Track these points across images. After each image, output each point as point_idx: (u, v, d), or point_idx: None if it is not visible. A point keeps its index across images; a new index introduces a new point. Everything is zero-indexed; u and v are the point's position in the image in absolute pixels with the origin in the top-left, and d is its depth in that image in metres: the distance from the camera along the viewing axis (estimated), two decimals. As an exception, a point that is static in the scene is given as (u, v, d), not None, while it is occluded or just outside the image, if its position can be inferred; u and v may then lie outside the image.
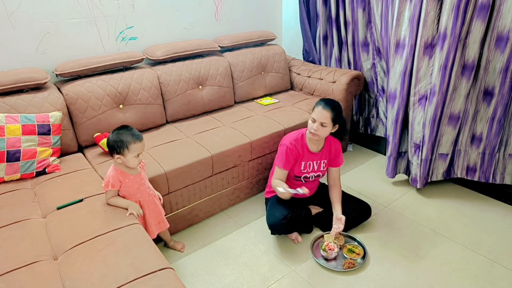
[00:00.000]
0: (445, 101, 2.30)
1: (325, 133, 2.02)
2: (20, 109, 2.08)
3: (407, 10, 2.23)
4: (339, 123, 2.05)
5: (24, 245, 1.49)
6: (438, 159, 2.50)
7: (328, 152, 2.17)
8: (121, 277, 1.31)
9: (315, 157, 2.14)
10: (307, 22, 3.30)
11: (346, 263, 1.97)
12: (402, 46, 2.33)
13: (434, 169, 2.54)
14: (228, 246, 2.17)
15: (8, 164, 1.93)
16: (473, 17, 2.08)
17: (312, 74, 3.14)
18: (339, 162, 2.20)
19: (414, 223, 2.31)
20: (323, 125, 1.98)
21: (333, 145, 2.17)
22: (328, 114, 1.96)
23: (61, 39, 2.40)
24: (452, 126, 2.39)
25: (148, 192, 1.86)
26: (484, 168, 2.39)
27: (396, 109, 2.47)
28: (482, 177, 2.39)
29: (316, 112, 2.00)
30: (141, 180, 1.82)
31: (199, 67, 2.75)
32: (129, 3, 2.60)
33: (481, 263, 1.98)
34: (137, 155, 1.70)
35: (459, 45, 2.15)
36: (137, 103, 2.46)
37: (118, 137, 1.68)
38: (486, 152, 2.34)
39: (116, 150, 1.69)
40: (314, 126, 1.99)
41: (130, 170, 1.77)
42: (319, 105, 2.00)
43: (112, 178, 1.71)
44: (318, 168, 2.17)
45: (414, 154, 2.50)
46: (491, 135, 2.29)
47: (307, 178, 2.18)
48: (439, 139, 2.44)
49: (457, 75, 2.24)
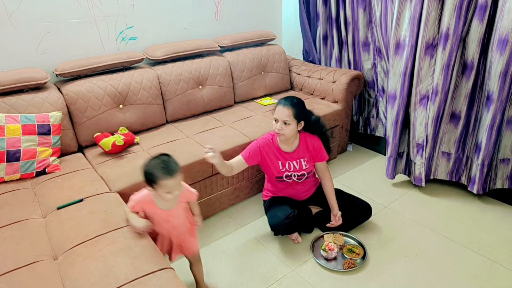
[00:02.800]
0: (447, 99, 2.30)
1: (290, 131, 1.97)
2: (20, 109, 2.08)
3: (407, 10, 2.23)
4: (303, 119, 2.02)
5: (24, 245, 1.49)
6: (441, 157, 2.50)
7: (306, 149, 2.11)
8: (121, 277, 1.31)
9: (291, 157, 2.09)
10: (307, 22, 3.30)
11: (346, 263, 1.97)
12: (402, 46, 2.32)
13: (437, 167, 2.54)
14: (228, 246, 2.17)
15: (8, 164, 1.93)
16: (473, 17, 2.08)
17: (312, 74, 3.14)
18: (323, 157, 2.14)
19: (414, 223, 2.31)
20: (286, 123, 1.94)
21: (309, 142, 2.10)
22: (288, 111, 1.93)
23: (61, 39, 2.40)
24: (454, 125, 2.39)
25: (174, 230, 1.66)
26: (482, 181, 2.34)
27: (396, 110, 2.46)
28: (480, 189, 2.37)
29: (277, 112, 1.96)
30: (169, 217, 1.61)
31: (199, 67, 2.75)
32: (129, 3, 2.60)
33: (481, 263, 1.98)
34: (168, 191, 1.48)
35: (460, 44, 2.15)
36: (137, 103, 2.46)
37: (150, 168, 1.48)
38: (484, 163, 2.29)
39: (147, 181, 1.50)
40: (277, 125, 1.95)
41: (162, 203, 1.57)
42: (279, 104, 1.98)
43: (136, 202, 1.57)
44: (299, 167, 2.11)
45: (417, 154, 2.49)
46: (489, 144, 2.23)
47: (289, 177, 2.12)
48: (442, 137, 2.44)
49: (458, 74, 2.24)
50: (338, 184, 2.65)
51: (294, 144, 2.09)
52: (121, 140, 2.18)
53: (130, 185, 1.95)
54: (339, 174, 2.85)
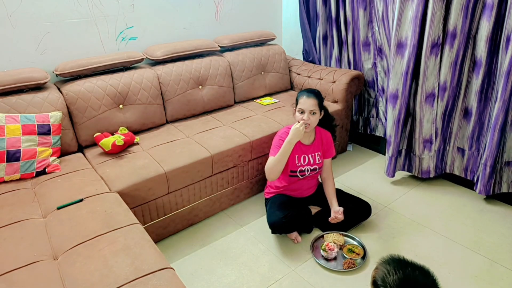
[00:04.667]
0: (459, 95, 2.33)
1: (316, 121, 2.08)
2: (20, 109, 2.08)
3: (409, 10, 2.24)
4: (323, 109, 2.16)
5: (24, 245, 1.49)
6: (456, 152, 2.52)
7: (321, 143, 2.20)
8: (121, 277, 1.31)
9: (308, 150, 2.16)
10: (307, 22, 3.30)
11: (346, 263, 1.97)
12: (403, 46, 2.33)
13: (454, 162, 2.56)
14: (228, 246, 2.17)
15: (8, 164, 1.93)
16: (482, 15, 2.10)
17: (312, 74, 3.13)
18: (331, 153, 2.25)
19: (414, 223, 2.31)
20: (312, 113, 2.04)
21: (323, 136, 2.21)
22: (314, 101, 2.04)
23: (61, 39, 2.40)
24: (467, 121, 2.41)
25: None
26: (484, 181, 2.34)
27: (398, 109, 2.47)
28: (483, 191, 2.37)
29: (302, 103, 2.05)
30: None
31: (199, 67, 2.75)
32: (129, 3, 2.60)
33: (481, 263, 1.98)
34: None
35: (470, 42, 2.18)
36: (137, 103, 2.46)
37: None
38: (487, 164, 2.29)
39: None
40: (304, 116, 2.03)
41: None
42: (302, 95, 2.07)
43: None
44: (313, 161, 2.18)
45: (424, 149, 2.52)
46: (492, 144, 2.23)
47: (302, 172, 2.17)
48: (457, 132, 2.47)
49: (470, 70, 2.28)
50: (338, 184, 2.65)
51: (312, 137, 2.18)
52: (121, 140, 2.18)
53: (130, 185, 1.95)
54: (339, 174, 2.85)
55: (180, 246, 2.17)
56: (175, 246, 2.17)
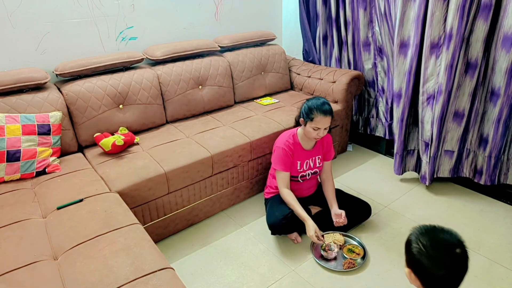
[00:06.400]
0: (450, 99, 2.32)
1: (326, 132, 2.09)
2: (20, 109, 2.08)
3: (411, 10, 2.24)
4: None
5: (24, 245, 1.49)
6: (444, 155, 2.51)
7: (321, 146, 2.21)
8: (121, 277, 1.31)
9: (310, 155, 2.17)
10: (307, 22, 3.30)
11: (346, 263, 1.97)
12: (406, 46, 2.34)
13: (440, 166, 2.55)
14: (228, 246, 2.17)
15: (8, 164, 1.93)
16: (476, 16, 2.10)
17: (312, 74, 3.13)
18: (331, 155, 2.26)
19: (414, 223, 2.30)
20: (326, 129, 2.05)
21: (324, 139, 2.21)
22: (329, 119, 2.02)
23: (61, 39, 2.40)
24: (457, 123, 2.40)
25: None
26: (490, 172, 2.37)
27: (401, 108, 2.48)
28: (488, 181, 2.39)
29: (319, 122, 2.00)
30: None
31: (199, 67, 2.75)
32: (129, 3, 2.60)
33: (481, 263, 1.98)
34: None
35: (463, 44, 2.17)
36: (137, 103, 2.46)
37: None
38: (492, 156, 2.32)
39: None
40: (320, 133, 2.03)
41: None
42: (317, 114, 1.99)
43: None
44: (314, 165, 2.19)
45: (424, 152, 2.53)
46: (497, 137, 2.28)
47: (304, 177, 2.19)
48: (445, 136, 2.46)
49: (461, 73, 2.27)
50: (338, 184, 2.65)
51: (313, 141, 2.18)
52: (121, 140, 2.18)
53: (130, 185, 1.95)
54: (339, 174, 2.85)
55: (180, 246, 2.17)
56: (175, 246, 2.17)
